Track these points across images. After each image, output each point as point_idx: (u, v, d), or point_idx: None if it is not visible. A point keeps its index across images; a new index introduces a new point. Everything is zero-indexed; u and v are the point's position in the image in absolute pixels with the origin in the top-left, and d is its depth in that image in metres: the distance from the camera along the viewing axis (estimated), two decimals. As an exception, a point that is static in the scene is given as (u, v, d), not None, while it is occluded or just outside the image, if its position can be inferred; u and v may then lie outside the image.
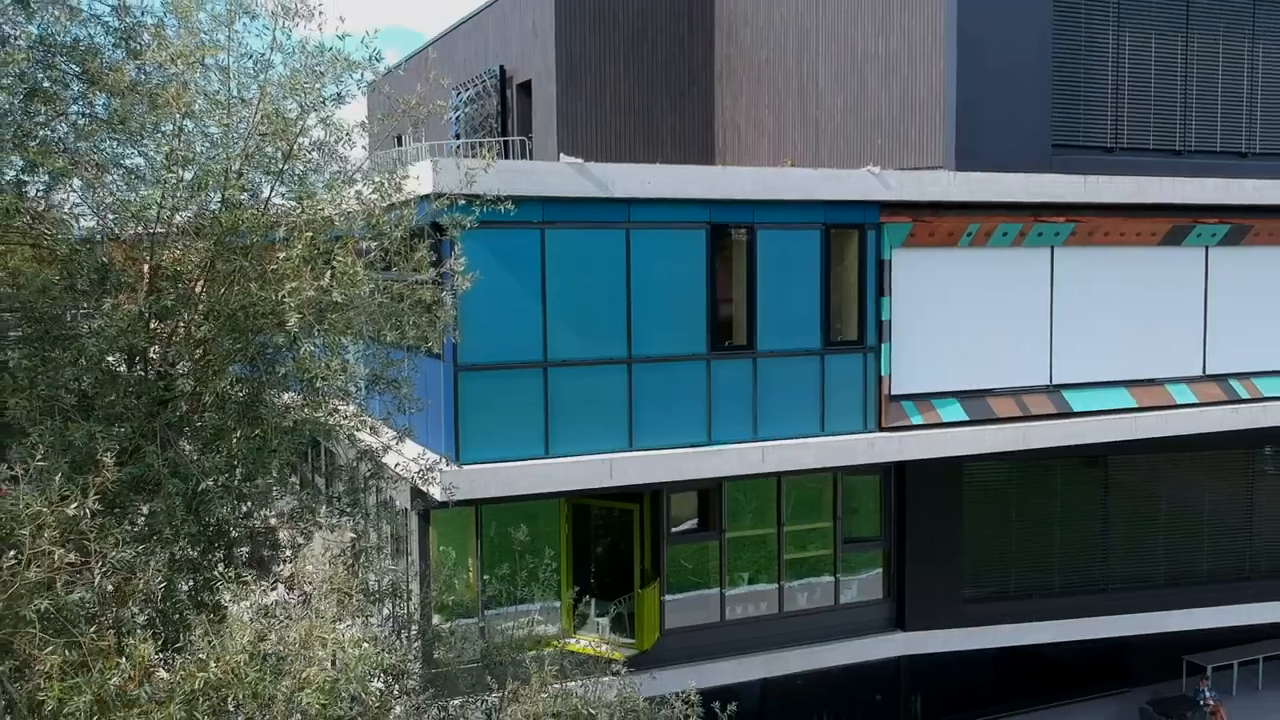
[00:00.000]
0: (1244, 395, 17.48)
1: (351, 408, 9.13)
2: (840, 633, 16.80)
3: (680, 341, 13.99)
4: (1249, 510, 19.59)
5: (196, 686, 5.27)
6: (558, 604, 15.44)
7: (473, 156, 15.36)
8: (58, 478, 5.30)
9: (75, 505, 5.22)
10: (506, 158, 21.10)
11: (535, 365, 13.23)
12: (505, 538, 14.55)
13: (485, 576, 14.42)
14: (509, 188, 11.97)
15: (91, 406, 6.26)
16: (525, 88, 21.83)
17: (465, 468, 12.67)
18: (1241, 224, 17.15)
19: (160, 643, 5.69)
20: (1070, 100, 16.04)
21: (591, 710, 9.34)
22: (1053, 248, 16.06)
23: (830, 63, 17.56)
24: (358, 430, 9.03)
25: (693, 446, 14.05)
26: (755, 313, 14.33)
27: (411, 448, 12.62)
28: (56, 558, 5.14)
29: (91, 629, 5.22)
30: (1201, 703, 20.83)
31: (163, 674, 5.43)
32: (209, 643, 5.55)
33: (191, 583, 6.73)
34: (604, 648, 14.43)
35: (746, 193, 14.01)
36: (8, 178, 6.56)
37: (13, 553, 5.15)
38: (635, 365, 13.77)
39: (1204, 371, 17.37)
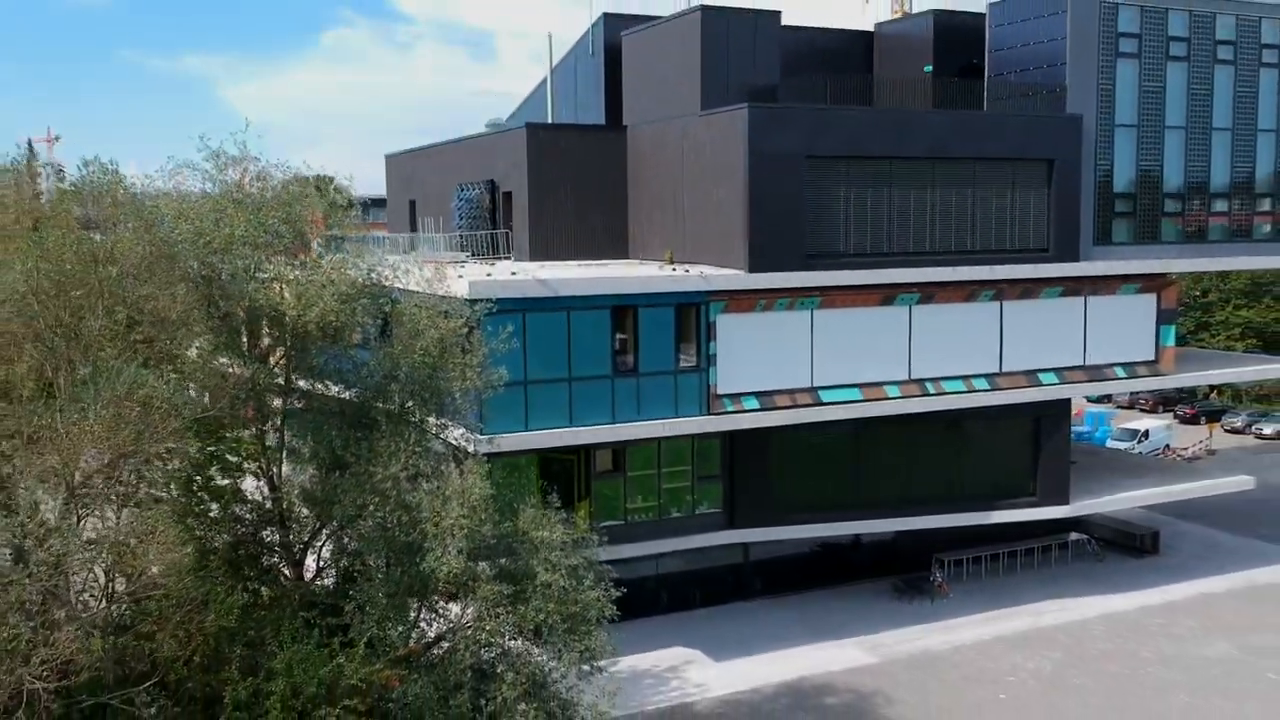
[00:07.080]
0: (933, 391, 29.80)
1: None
2: (695, 530, 28.95)
3: (596, 368, 26.05)
4: (955, 457, 31.96)
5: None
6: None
7: (474, 256, 27.54)
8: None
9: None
10: (495, 244, 33.11)
11: (520, 383, 25.22)
12: (503, 478, 26.51)
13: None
14: (504, 292, 24.14)
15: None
16: (509, 195, 33.67)
17: (490, 437, 24.65)
18: (929, 291, 29.41)
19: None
20: (818, 227, 28.04)
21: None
22: (812, 310, 28.21)
23: (688, 198, 29.60)
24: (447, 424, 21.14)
25: (605, 425, 26.19)
26: (638, 352, 26.46)
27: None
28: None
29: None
30: (932, 580, 33.29)
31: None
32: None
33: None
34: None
35: (633, 289, 26.14)
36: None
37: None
38: (573, 382, 25.86)
39: (909, 376, 29.64)
